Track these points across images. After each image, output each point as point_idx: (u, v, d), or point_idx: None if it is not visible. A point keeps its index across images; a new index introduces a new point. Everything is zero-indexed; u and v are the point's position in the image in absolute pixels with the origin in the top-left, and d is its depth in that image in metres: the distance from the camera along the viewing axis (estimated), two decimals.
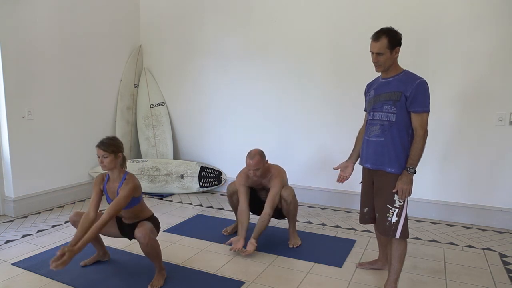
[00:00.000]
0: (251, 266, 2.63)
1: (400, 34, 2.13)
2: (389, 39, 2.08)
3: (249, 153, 2.86)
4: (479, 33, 3.23)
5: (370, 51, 2.14)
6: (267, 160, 2.91)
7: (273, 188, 2.85)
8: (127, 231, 2.46)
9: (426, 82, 2.09)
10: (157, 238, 2.37)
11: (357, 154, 2.47)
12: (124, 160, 2.40)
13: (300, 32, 3.93)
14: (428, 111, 2.09)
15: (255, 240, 2.77)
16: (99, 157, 2.31)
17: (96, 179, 2.43)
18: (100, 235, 2.61)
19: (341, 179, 2.52)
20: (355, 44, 3.62)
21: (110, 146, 2.31)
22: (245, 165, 2.88)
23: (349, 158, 2.50)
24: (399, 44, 2.12)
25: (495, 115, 3.25)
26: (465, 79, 3.33)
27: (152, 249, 2.28)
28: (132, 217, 2.41)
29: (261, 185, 2.97)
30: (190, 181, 4.45)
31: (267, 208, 2.80)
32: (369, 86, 2.36)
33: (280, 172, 2.94)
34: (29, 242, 3.02)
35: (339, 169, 2.52)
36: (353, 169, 2.49)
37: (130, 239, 2.49)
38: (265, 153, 2.89)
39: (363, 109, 2.44)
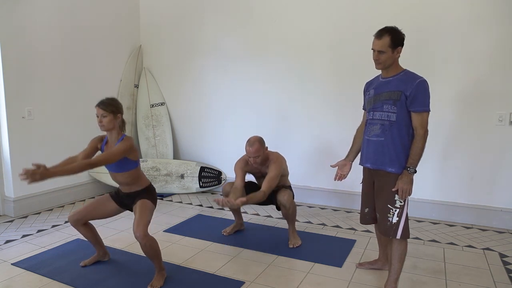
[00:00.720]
0: (251, 266, 2.63)
1: (403, 34, 2.12)
2: (391, 37, 2.07)
3: (248, 140, 2.84)
4: (479, 33, 3.23)
5: (372, 49, 2.13)
6: (267, 147, 2.90)
7: (270, 172, 2.79)
8: (126, 202, 2.46)
9: (426, 82, 2.09)
10: (156, 238, 2.37)
11: (354, 153, 2.48)
12: (123, 123, 2.40)
13: (300, 31, 3.93)
14: (428, 111, 2.08)
15: (245, 199, 2.58)
16: (98, 116, 2.31)
17: (95, 138, 2.43)
18: (100, 236, 2.62)
19: (339, 177, 2.53)
20: (355, 44, 3.62)
21: (110, 106, 2.30)
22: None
23: (347, 156, 2.51)
24: (401, 44, 2.11)
25: (495, 115, 3.25)
26: (465, 79, 3.33)
27: (151, 249, 2.28)
28: (128, 183, 2.40)
29: (260, 173, 2.97)
30: (190, 181, 4.45)
31: (264, 187, 2.71)
32: (368, 85, 2.36)
33: (279, 158, 2.92)
34: (29, 242, 3.02)
35: (337, 167, 2.52)
36: (350, 168, 2.49)
37: (132, 210, 2.43)
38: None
39: (362, 107, 2.45)
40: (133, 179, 2.41)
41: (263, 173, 2.94)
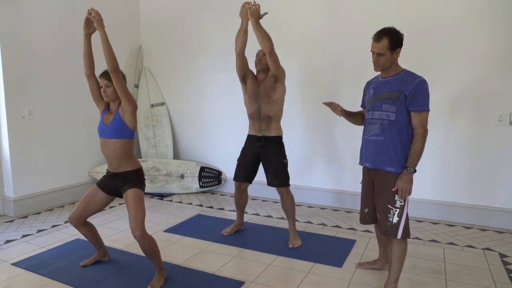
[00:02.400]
0: (251, 266, 2.63)
1: (402, 35, 2.12)
2: (390, 40, 2.08)
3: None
4: (479, 33, 3.23)
5: (371, 51, 2.14)
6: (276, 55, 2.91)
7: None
8: (114, 186, 2.38)
9: (426, 81, 2.09)
10: (157, 238, 2.37)
11: (350, 114, 2.47)
12: None
13: (300, 31, 3.93)
14: (427, 110, 2.08)
15: None
16: (101, 86, 2.32)
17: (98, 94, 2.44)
18: (100, 236, 2.62)
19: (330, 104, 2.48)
20: (355, 43, 3.62)
21: None
22: None
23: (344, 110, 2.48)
24: (400, 45, 2.11)
25: (495, 115, 3.25)
26: (465, 79, 3.33)
27: (150, 248, 2.27)
28: (119, 156, 2.31)
29: (257, 86, 2.99)
30: (190, 181, 4.45)
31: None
32: (368, 85, 2.36)
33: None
34: (29, 242, 3.02)
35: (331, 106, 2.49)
36: (341, 111, 2.44)
37: (121, 196, 2.38)
38: None
39: (360, 105, 2.46)
40: (124, 152, 2.32)
41: (259, 89, 2.96)
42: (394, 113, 2.10)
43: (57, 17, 3.89)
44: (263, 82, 2.98)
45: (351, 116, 2.49)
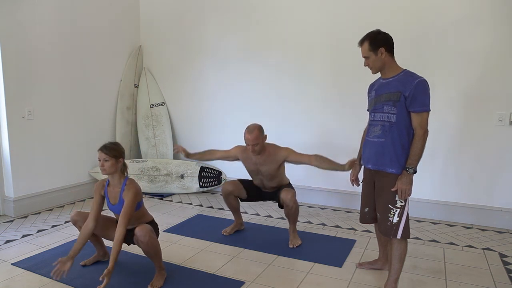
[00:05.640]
0: (251, 266, 2.63)
1: (384, 34, 2.14)
2: (369, 42, 2.14)
3: (248, 127, 2.84)
4: (479, 33, 3.23)
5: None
6: (266, 135, 2.90)
7: (298, 156, 2.91)
8: (126, 236, 2.43)
9: (426, 81, 2.08)
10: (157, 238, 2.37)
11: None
12: (125, 166, 2.41)
13: (300, 31, 3.93)
14: (427, 111, 2.08)
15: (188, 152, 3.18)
16: (100, 160, 2.32)
17: (97, 186, 2.44)
18: (99, 236, 2.62)
19: (354, 180, 2.53)
20: (355, 44, 3.60)
21: (112, 151, 2.32)
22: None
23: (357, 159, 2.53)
24: (383, 45, 2.12)
25: (495, 115, 3.25)
26: (465, 79, 3.33)
27: (153, 248, 2.28)
28: (132, 223, 2.40)
29: (255, 166, 2.96)
30: (190, 181, 4.45)
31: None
32: (371, 87, 2.37)
33: (280, 146, 2.97)
34: (29, 242, 3.02)
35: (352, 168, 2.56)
36: (360, 168, 2.50)
37: (129, 244, 2.46)
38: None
39: (366, 109, 2.45)
40: (138, 218, 2.40)
41: (259, 166, 2.94)
42: (395, 115, 2.10)
43: (57, 17, 3.89)
44: (263, 165, 2.94)
45: None
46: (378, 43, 2.12)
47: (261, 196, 3.15)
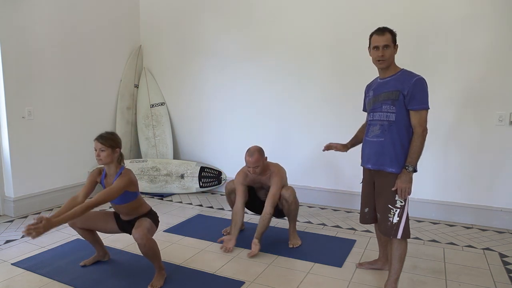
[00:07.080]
0: (251, 266, 2.62)
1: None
2: (392, 34, 2.15)
3: (248, 150, 2.86)
4: (479, 33, 3.23)
5: (375, 46, 2.13)
6: (266, 157, 2.91)
7: (273, 186, 2.85)
8: (126, 227, 2.47)
9: (424, 79, 2.08)
10: (156, 238, 2.37)
11: (352, 141, 2.55)
12: (121, 157, 2.39)
13: (300, 31, 3.93)
14: (426, 109, 2.08)
15: (257, 240, 2.77)
16: (96, 150, 2.31)
17: (93, 171, 2.43)
18: (100, 236, 2.62)
19: (327, 147, 2.60)
20: (355, 43, 3.61)
21: (108, 140, 2.30)
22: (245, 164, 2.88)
23: (347, 143, 2.57)
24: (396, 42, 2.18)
25: (495, 115, 3.25)
26: (465, 79, 3.33)
27: (150, 250, 2.28)
28: (129, 213, 2.41)
29: (260, 184, 2.97)
30: (190, 181, 4.45)
31: (268, 207, 2.79)
32: (368, 87, 2.37)
33: (280, 170, 2.94)
34: (29, 242, 3.02)
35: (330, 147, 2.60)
36: (345, 149, 2.56)
37: (131, 234, 2.41)
38: (265, 152, 2.89)
39: (362, 109, 2.46)
40: (134, 209, 2.40)
41: (263, 184, 2.96)
42: (394, 114, 2.10)
43: (57, 17, 3.89)
44: (266, 182, 2.94)
45: (356, 141, 2.53)
46: (395, 38, 2.15)
47: (261, 206, 3.04)
